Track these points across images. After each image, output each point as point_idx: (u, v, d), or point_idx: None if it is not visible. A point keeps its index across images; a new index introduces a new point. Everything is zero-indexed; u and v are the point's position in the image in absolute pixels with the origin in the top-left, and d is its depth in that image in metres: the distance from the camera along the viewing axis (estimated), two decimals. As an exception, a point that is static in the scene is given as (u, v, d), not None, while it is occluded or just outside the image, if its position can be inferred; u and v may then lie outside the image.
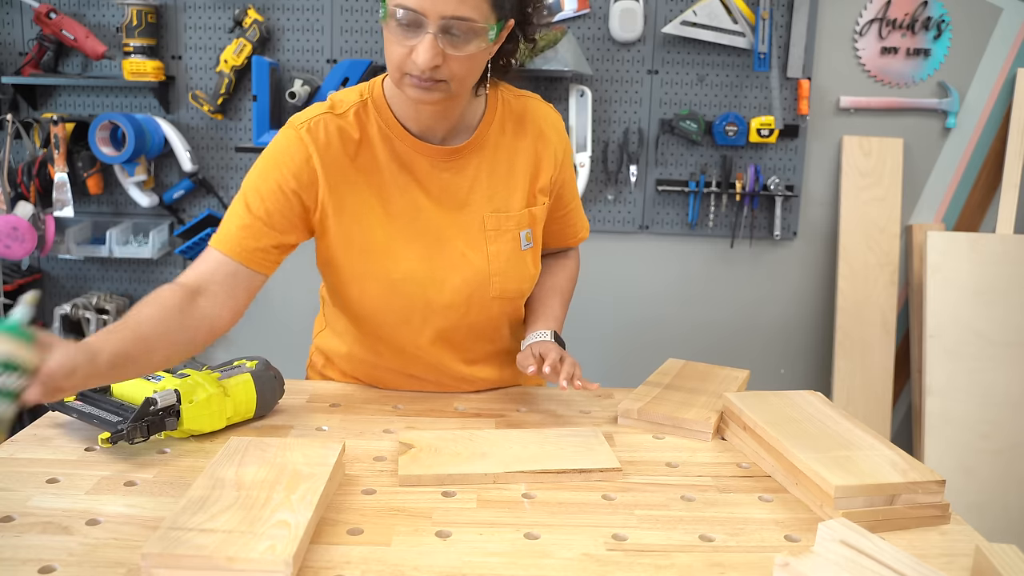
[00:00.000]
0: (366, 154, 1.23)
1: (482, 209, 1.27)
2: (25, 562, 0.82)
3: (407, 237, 1.25)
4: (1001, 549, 0.83)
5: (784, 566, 0.77)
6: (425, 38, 1.07)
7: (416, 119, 1.22)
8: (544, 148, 1.30)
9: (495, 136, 1.28)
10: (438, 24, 1.06)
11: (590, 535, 0.93)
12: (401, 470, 1.04)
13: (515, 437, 1.15)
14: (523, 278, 1.32)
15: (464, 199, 1.27)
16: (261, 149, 2.54)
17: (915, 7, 2.66)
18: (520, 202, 1.29)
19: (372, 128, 1.23)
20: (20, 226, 2.43)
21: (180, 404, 1.10)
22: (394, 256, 1.25)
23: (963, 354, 2.62)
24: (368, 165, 1.23)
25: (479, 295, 1.29)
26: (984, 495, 2.59)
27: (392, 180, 1.24)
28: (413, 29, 1.07)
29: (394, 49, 1.10)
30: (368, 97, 1.24)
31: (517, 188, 1.29)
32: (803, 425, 1.13)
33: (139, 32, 2.53)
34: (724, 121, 2.65)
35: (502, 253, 1.28)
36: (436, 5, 1.05)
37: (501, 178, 1.28)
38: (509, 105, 1.29)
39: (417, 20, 1.06)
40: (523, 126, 1.30)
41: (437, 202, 1.26)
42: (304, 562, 0.84)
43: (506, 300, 1.32)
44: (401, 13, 1.06)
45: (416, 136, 1.23)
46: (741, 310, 2.87)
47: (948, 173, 2.80)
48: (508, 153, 1.29)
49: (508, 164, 1.29)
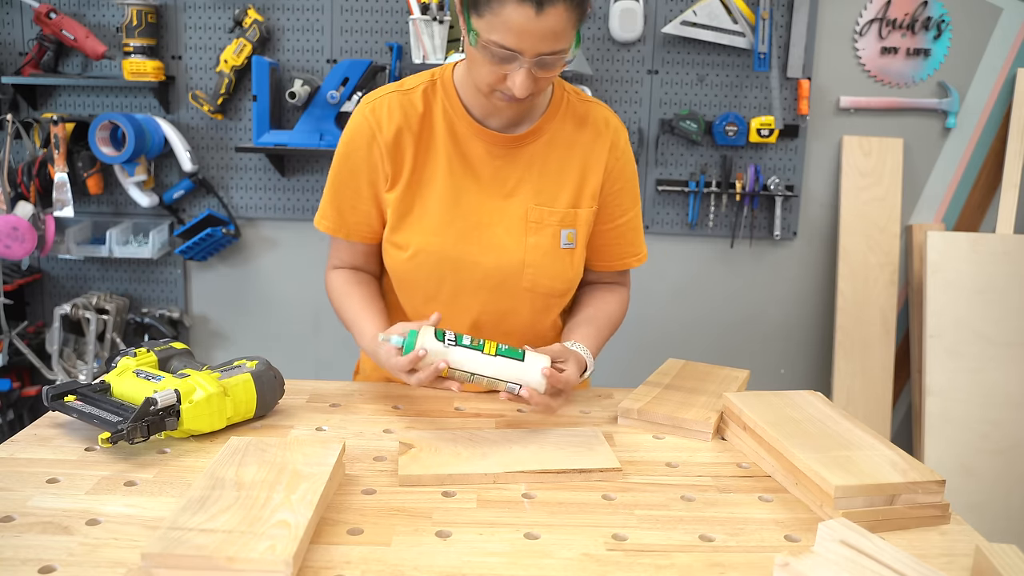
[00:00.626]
0: (427, 130, 1.28)
1: (527, 201, 1.29)
2: (25, 562, 0.82)
3: (449, 214, 1.28)
4: (1001, 549, 0.83)
5: (784, 566, 0.77)
6: (520, 71, 1.13)
7: (482, 107, 1.27)
8: (598, 153, 1.32)
9: (552, 131, 1.30)
10: (532, 60, 1.12)
11: (590, 535, 0.93)
12: (401, 470, 1.04)
13: (515, 437, 1.15)
14: (557, 275, 1.32)
15: (512, 188, 1.30)
16: (261, 149, 2.57)
17: (915, 7, 2.66)
18: (566, 201, 1.30)
19: (437, 107, 1.29)
20: (20, 226, 2.43)
21: (180, 404, 1.10)
22: (432, 228, 1.28)
23: (963, 354, 2.62)
24: (427, 141, 1.28)
25: (511, 283, 1.30)
26: (984, 495, 2.59)
27: (446, 159, 1.28)
28: (506, 61, 1.13)
29: (484, 71, 1.16)
30: (438, 78, 1.30)
31: (565, 186, 1.30)
32: (803, 425, 1.13)
33: (139, 32, 2.53)
34: (724, 121, 2.65)
35: (540, 246, 1.29)
36: (534, 45, 1.10)
37: (551, 174, 1.30)
38: (572, 106, 1.32)
39: (511, 55, 1.12)
40: (582, 127, 1.32)
41: (485, 187, 1.29)
42: (304, 562, 0.84)
43: (537, 295, 1.32)
44: (495, 48, 1.11)
45: (477, 121, 1.28)
46: (741, 310, 2.87)
47: (948, 173, 2.80)
48: (562, 150, 1.30)
49: (560, 161, 1.30)
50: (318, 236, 2.80)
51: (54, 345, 2.61)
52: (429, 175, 1.29)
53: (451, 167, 1.28)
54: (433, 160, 1.28)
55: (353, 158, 1.30)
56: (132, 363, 1.20)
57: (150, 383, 1.13)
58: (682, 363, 1.48)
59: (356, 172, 1.30)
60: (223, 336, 2.89)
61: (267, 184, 2.75)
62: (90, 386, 1.16)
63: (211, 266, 2.83)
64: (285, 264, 2.83)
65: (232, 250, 2.81)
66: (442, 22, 2.48)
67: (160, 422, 1.08)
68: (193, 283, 2.85)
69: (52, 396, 1.14)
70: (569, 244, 1.31)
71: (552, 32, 1.09)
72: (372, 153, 1.28)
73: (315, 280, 2.85)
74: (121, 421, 1.06)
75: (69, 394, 1.15)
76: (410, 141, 1.27)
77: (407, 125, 1.27)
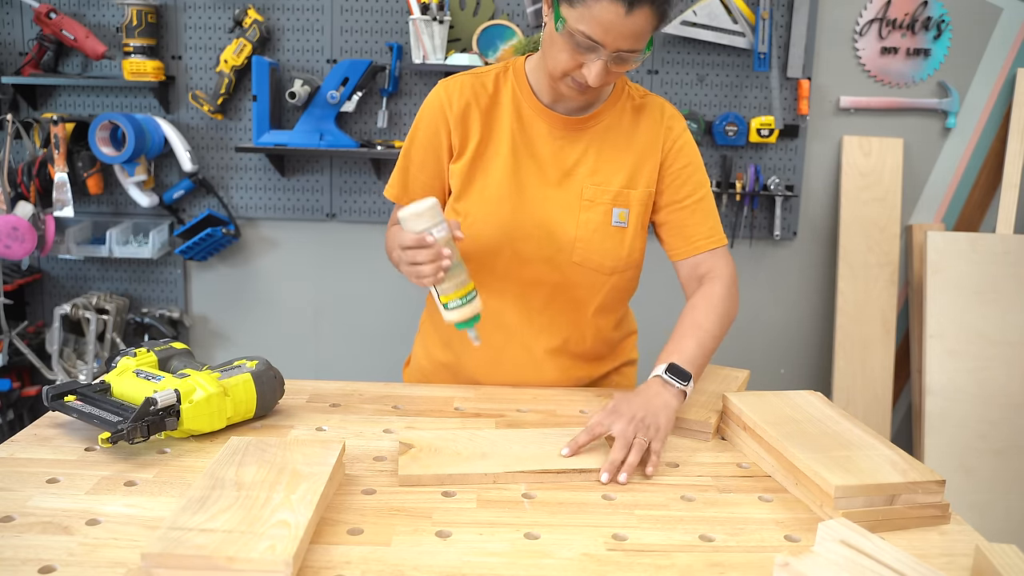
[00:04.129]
0: (495, 109, 1.36)
1: (583, 180, 1.35)
2: (25, 562, 0.82)
3: (509, 187, 1.34)
4: (1001, 549, 0.83)
5: (784, 566, 0.77)
6: (598, 63, 1.19)
7: (550, 92, 1.33)
8: (653, 137, 1.37)
9: (612, 118, 1.37)
10: (612, 54, 1.18)
11: (590, 535, 0.93)
12: (401, 470, 1.04)
13: (515, 437, 1.15)
14: (607, 252, 1.36)
15: (569, 169, 1.36)
16: (261, 149, 2.57)
17: (915, 7, 2.66)
18: (620, 181, 1.36)
19: (506, 90, 1.36)
20: (20, 226, 2.43)
21: (180, 404, 1.10)
22: (493, 199, 1.34)
23: (963, 354, 2.62)
24: (494, 119, 1.36)
25: (562, 257, 1.35)
26: (984, 495, 2.59)
27: (510, 136, 1.35)
28: (587, 51, 1.19)
29: (562, 57, 1.21)
30: (511, 66, 1.38)
31: (621, 168, 1.36)
32: (803, 425, 1.13)
33: (139, 32, 2.53)
34: (724, 121, 2.65)
35: (591, 222, 1.34)
36: (616, 41, 1.16)
37: (608, 156, 1.36)
38: (632, 98, 1.39)
39: (593, 46, 1.17)
40: (640, 115, 1.38)
41: (545, 165, 1.35)
42: (304, 562, 0.84)
43: (587, 270, 1.36)
44: (580, 37, 1.17)
45: (544, 104, 1.35)
46: (741, 310, 2.86)
47: (948, 173, 2.80)
48: (619, 135, 1.37)
49: (616, 145, 1.36)
50: (318, 236, 2.80)
51: (54, 345, 2.61)
52: (493, 150, 1.36)
53: (514, 145, 1.35)
54: (498, 137, 1.35)
55: (423, 131, 1.38)
56: (132, 363, 1.20)
57: (150, 383, 1.13)
58: (682, 363, 1.48)
59: (424, 145, 1.38)
60: (223, 336, 2.89)
61: (267, 184, 2.75)
62: (90, 386, 1.16)
63: (211, 266, 2.83)
64: (285, 264, 2.83)
65: (232, 250, 2.81)
66: (442, 22, 2.48)
67: (160, 422, 1.08)
68: (193, 283, 2.85)
69: (52, 396, 1.14)
70: (621, 223, 1.36)
71: (634, 32, 1.16)
72: (440, 126, 1.36)
73: (315, 280, 2.85)
74: (121, 421, 1.06)
75: (69, 394, 1.15)
76: (477, 117, 1.35)
77: (476, 102, 1.35)
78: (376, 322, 2.86)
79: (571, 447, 1.10)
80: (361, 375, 2.84)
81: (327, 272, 2.84)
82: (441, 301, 1.21)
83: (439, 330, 1.50)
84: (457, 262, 1.19)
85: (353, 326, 2.87)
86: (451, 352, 1.49)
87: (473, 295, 1.21)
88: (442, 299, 1.20)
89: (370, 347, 2.87)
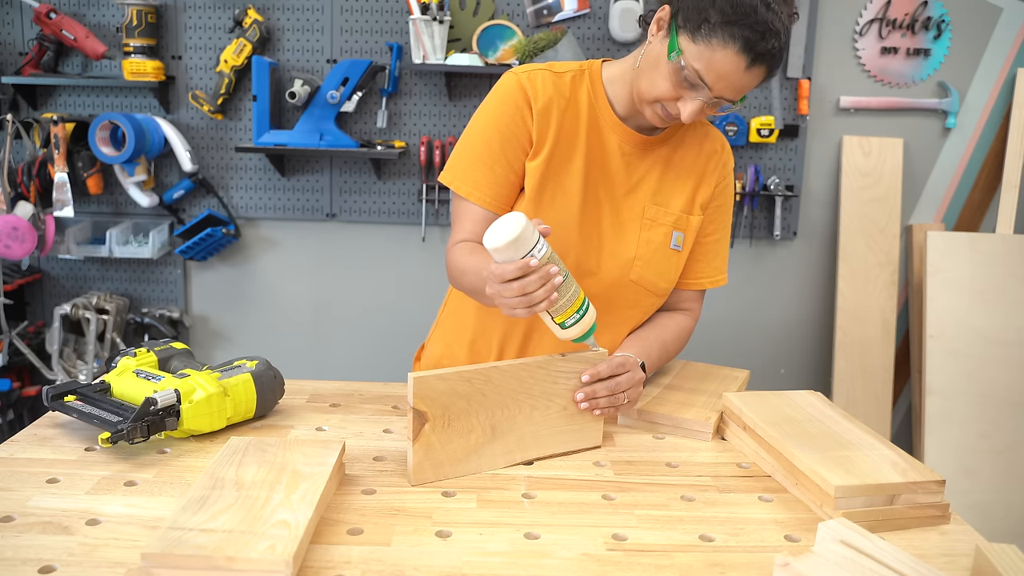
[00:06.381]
0: (571, 114, 1.31)
1: (646, 199, 1.34)
2: (25, 562, 0.82)
3: (579, 199, 1.30)
4: (1001, 549, 0.83)
5: (784, 566, 0.77)
6: (697, 102, 1.17)
7: (628, 107, 1.30)
8: (712, 168, 1.37)
9: (679, 140, 1.36)
10: (714, 98, 1.16)
11: (590, 535, 0.93)
12: (413, 475, 1.04)
13: (521, 418, 1.10)
14: (662, 274, 1.35)
15: (634, 185, 1.34)
16: (261, 149, 2.57)
17: (915, 7, 2.66)
18: (680, 205, 1.35)
19: (583, 95, 1.32)
20: (20, 226, 2.43)
21: (180, 404, 1.10)
22: (563, 208, 1.30)
23: (963, 354, 2.62)
24: (568, 124, 1.31)
25: (619, 274, 1.33)
26: (984, 495, 2.59)
27: (585, 145, 1.31)
28: (691, 88, 1.17)
29: (663, 84, 1.18)
30: (587, 70, 1.33)
31: (682, 192, 1.35)
32: (803, 425, 1.13)
33: (139, 32, 2.53)
34: (724, 121, 2.64)
35: (652, 242, 1.33)
36: (725, 89, 1.15)
37: (671, 178, 1.35)
38: (698, 125, 1.38)
39: (700, 86, 1.16)
40: (703, 143, 1.38)
41: (613, 180, 1.33)
42: (304, 562, 0.84)
43: (642, 290, 1.35)
44: (691, 73, 1.15)
45: (618, 116, 1.32)
46: (741, 310, 2.87)
47: (948, 173, 2.80)
48: (684, 158, 1.36)
49: (680, 168, 1.35)
50: (318, 236, 2.80)
51: (54, 345, 2.61)
52: (567, 156, 1.31)
53: (588, 154, 1.31)
54: (572, 143, 1.31)
55: (505, 120, 1.29)
56: (132, 363, 1.20)
57: (150, 383, 1.13)
58: (682, 363, 1.48)
59: (507, 136, 1.29)
60: (223, 336, 2.89)
61: (267, 184, 2.75)
62: (90, 386, 1.16)
63: (211, 266, 2.83)
64: (285, 264, 2.83)
65: (232, 250, 2.81)
66: (442, 22, 2.48)
67: (160, 422, 1.08)
68: (193, 283, 2.85)
69: (52, 396, 1.14)
70: (677, 246, 1.35)
71: (744, 85, 1.16)
72: (525, 116, 1.29)
73: (315, 280, 2.85)
74: (121, 421, 1.06)
75: (69, 394, 1.16)
76: (556, 116, 1.30)
77: (557, 100, 1.30)
78: (376, 322, 2.86)
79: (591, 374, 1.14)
80: (361, 375, 2.84)
81: (327, 272, 2.84)
82: (556, 321, 1.09)
83: (464, 332, 1.43)
84: (565, 274, 1.06)
85: (353, 326, 2.87)
86: (474, 355, 1.42)
87: (587, 304, 1.10)
88: (557, 319, 1.08)
89: (370, 347, 2.87)
